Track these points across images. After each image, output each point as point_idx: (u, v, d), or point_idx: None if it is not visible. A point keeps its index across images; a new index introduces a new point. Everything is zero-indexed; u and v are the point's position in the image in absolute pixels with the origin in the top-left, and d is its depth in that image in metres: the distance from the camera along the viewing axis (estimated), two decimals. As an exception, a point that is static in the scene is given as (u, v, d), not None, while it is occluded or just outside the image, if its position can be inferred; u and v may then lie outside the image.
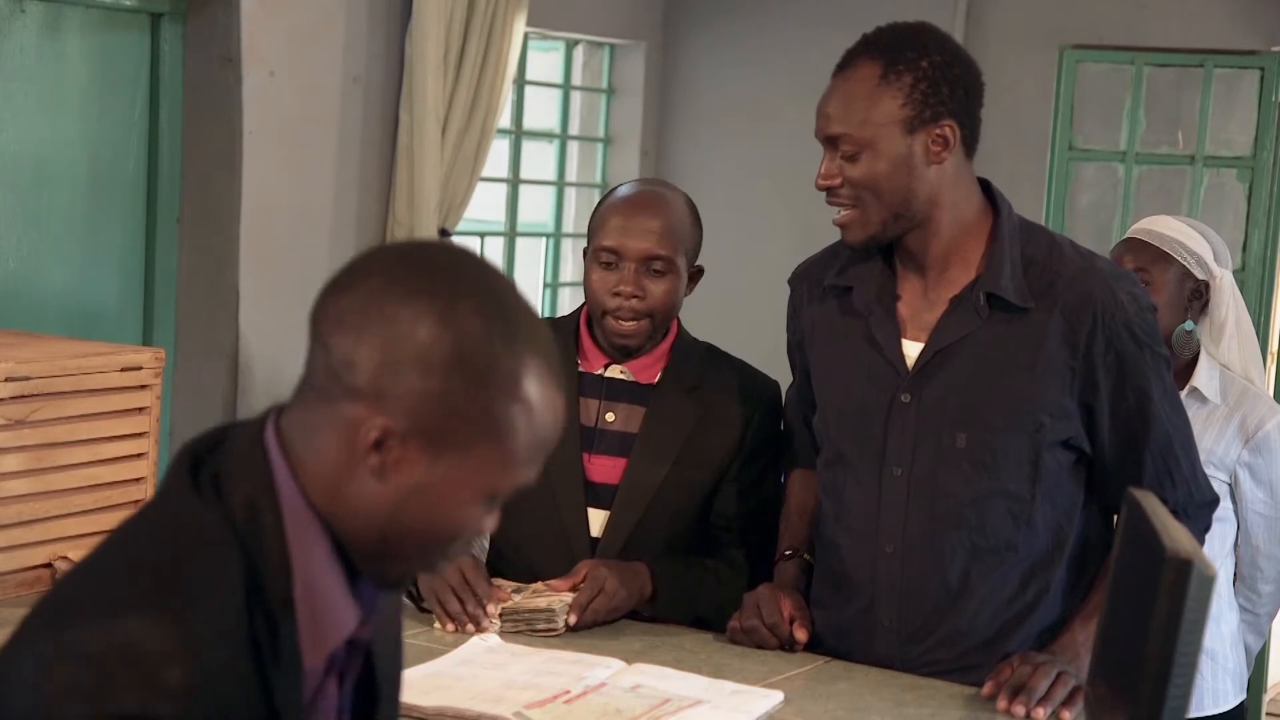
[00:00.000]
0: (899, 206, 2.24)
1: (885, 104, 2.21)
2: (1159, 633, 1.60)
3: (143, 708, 1.15)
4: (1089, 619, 2.23)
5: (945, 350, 2.26)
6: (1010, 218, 2.30)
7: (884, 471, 2.29)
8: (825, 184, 2.27)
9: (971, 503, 2.25)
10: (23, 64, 3.69)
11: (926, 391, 2.27)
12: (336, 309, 1.26)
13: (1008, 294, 2.23)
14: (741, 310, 5.58)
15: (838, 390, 2.38)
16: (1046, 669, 2.16)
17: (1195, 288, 2.97)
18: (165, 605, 1.19)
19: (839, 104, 2.25)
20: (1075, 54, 5.27)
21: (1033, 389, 2.23)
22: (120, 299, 4.03)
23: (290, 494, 1.26)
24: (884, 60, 2.22)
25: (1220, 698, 2.99)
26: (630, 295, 2.51)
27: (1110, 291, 2.24)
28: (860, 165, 2.23)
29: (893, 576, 2.30)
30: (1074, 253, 2.30)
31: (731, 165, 5.75)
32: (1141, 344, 2.25)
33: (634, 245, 2.52)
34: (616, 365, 2.60)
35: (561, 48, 5.66)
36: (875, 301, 2.32)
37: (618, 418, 2.59)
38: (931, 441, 2.26)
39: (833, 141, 2.25)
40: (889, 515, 2.29)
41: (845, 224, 2.28)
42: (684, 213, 2.61)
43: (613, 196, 2.63)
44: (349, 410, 1.24)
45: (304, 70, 4.25)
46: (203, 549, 1.24)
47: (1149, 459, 2.28)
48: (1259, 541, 2.98)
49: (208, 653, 1.19)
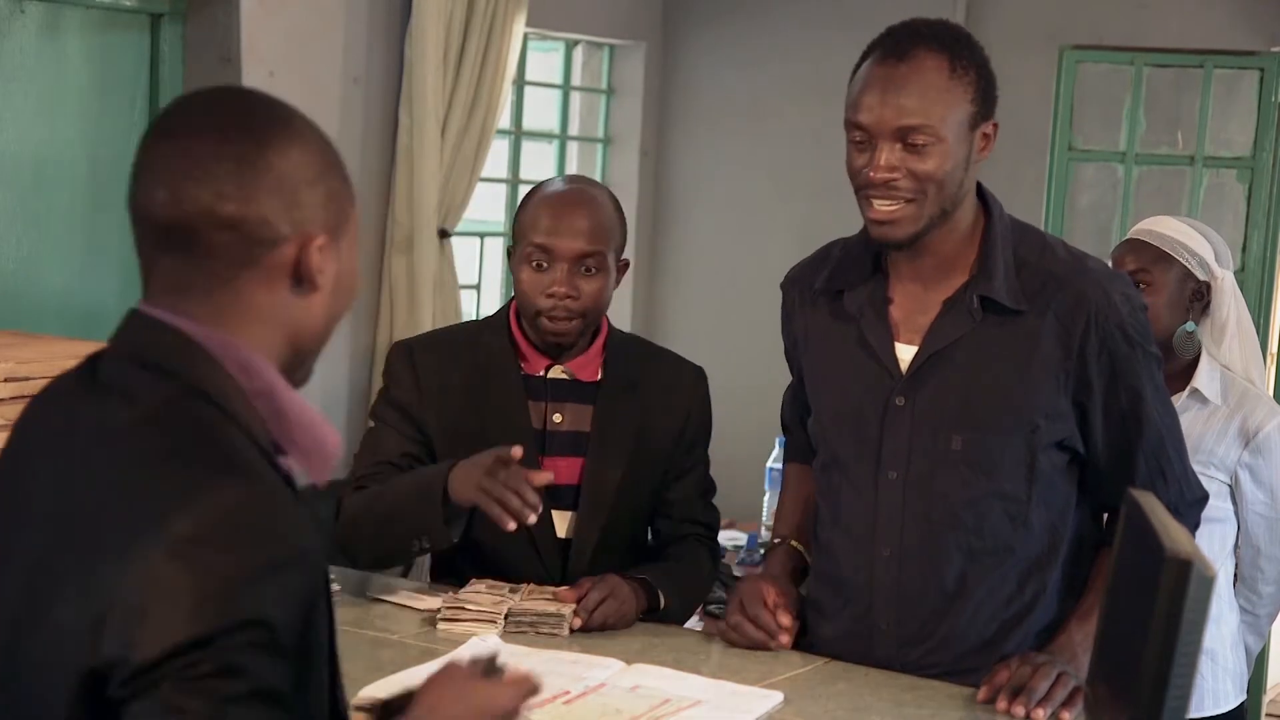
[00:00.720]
0: (949, 203, 2.20)
1: (958, 98, 2.17)
2: (1158, 633, 1.60)
3: (287, 550, 1.27)
4: (1085, 619, 2.24)
5: (939, 353, 2.26)
6: (1002, 218, 2.29)
7: (880, 475, 2.29)
8: (888, 176, 2.16)
9: (968, 505, 2.25)
10: (22, 64, 3.69)
11: (921, 395, 2.26)
12: (203, 196, 1.34)
13: (1001, 296, 2.23)
14: (741, 310, 5.58)
15: (832, 394, 2.37)
16: (1046, 670, 2.16)
17: (1197, 289, 2.97)
18: (231, 473, 1.29)
19: (916, 95, 2.14)
20: (1075, 54, 5.27)
21: (1027, 390, 2.23)
22: (120, 299, 4.03)
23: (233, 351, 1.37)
24: (948, 54, 2.18)
25: (1221, 698, 2.99)
26: (565, 295, 2.53)
27: (1103, 292, 2.24)
28: (931, 159, 2.15)
29: (890, 580, 2.30)
30: (1066, 254, 2.30)
31: (731, 165, 5.75)
32: (1134, 344, 2.25)
33: (566, 245, 2.53)
34: (558, 365, 2.62)
35: (561, 48, 5.66)
36: (867, 304, 2.31)
37: (565, 418, 2.62)
38: (927, 445, 2.26)
39: (902, 132, 2.15)
40: (885, 519, 2.29)
41: (897, 219, 2.18)
42: (611, 209, 2.62)
43: (539, 195, 2.62)
44: (278, 258, 1.37)
45: (304, 70, 4.25)
46: (206, 428, 1.33)
47: (1142, 458, 2.29)
48: (1259, 543, 2.98)
49: (281, 495, 1.32)
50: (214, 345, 1.37)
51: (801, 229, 5.66)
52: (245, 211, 1.35)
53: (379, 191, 4.52)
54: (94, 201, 3.92)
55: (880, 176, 2.16)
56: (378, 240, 4.54)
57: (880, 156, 2.15)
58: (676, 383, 2.69)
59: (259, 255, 1.37)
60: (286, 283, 1.39)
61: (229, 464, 1.31)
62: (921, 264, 2.28)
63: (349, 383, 4.48)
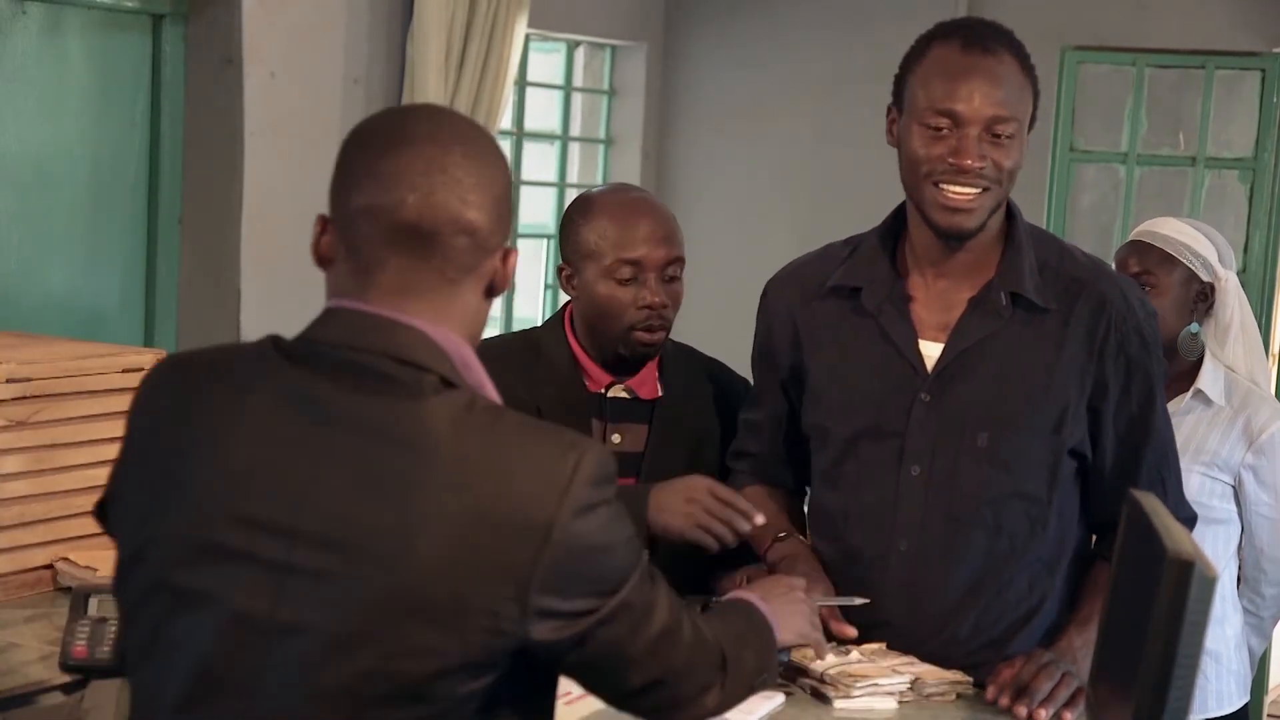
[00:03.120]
0: (1005, 198, 2.27)
1: (1029, 98, 2.25)
2: (1160, 634, 1.60)
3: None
4: (1084, 626, 2.24)
5: (968, 350, 2.27)
6: (1023, 220, 2.32)
7: (902, 470, 2.29)
8: (980, 164, 2.19)
9: (989, 503, 2.26)
10: (24, 65, 3.70)
11: (949, 392, 2.27)
12: (452, 201, 1.48)
13: (1031, 293, 2.25)
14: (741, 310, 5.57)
15: (848, 390, 2.36)
16: (1050, 670, 2.16)
17: (1201, 290, 2.97)
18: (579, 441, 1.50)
19: (1009, 88, 2.21)
20: (1076, 55, 5.27)
21: (1054, 390, 2.25)
22: (122, 300, 4.03)
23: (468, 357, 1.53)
24: (1018, 55, 2.25)
25: (1224, 699, 2.98)
26: (661, 305, 2.49)
27: (1123, 296, 2.27)
28: (1013, 152, 2.21)
29: (905, 574, 2.29)
30: (1084, 257, 2.33)
31: (732, 166, 5.75)
32: (1150, 350, 2.27)
33: (653, 254, 2.48)
34: (619, 384, 2.57)
35: (563, 49, 5.66)
36: (886, 302, 2.31)
37: (623, 439, 2.56)
38: (953, 441, 2.26)
39: (991, 122, 2.19)
40: (905, 513, 2.29)
41: (973, 206, 2.21)
42: (668, 209, 2.60)
43: (603, 207, 2.52)
44: (490, 265, 1.54)
45: (305, 71, 4.25)
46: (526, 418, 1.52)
47: (1144, 468, 2.29)
48: (1263, 544, 2.97)
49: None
50: (443, 341, 1.49)
51: (802, 229, 5.66)
52: (482, 220, 1.50)
53: (380, 192, 4.52)
54: (95, 202, 3.92)
55: (973, 164, 2.18)
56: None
57: (970, 145, 2.19)
58: (729, 399, 2.63)
59: (480, 261, 1.53)
60: (484, 288, 1.55)
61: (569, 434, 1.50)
62: (953, 261, 2.29)
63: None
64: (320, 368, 1.47)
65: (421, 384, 1.46)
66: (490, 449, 1.45)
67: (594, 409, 2.56)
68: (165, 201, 4.08)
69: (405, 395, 1.45)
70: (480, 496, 1.42)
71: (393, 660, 1.40)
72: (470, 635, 1.41)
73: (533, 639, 1.44)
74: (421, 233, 1.48)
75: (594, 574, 1.47)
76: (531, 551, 1.42)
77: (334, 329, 1.49)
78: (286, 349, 1.50)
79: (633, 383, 2.57)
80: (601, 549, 1.48)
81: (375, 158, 1.49)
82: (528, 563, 1.42)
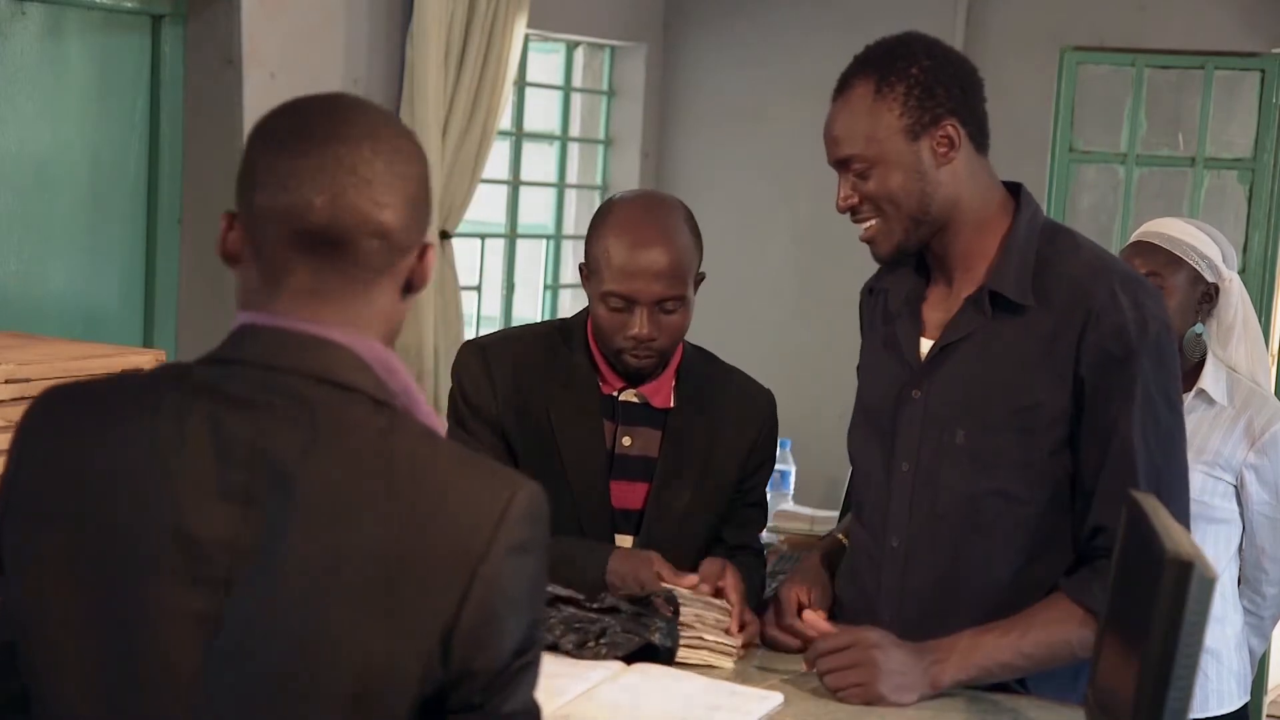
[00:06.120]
0: (918, 212, 2.25)
1: (884, 117, 2.23)
2: (1159, 634, 1.60)
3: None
4: (985, 633, 2.22)
5: (950, 347, 2.28)
6: (1033, 218, 2.30)
7: (893, 466, 2.32)
8: (846, 205, 2.29)
9: (968, 500, 2.26)
10: (23, 66, 3.69)
11: (933, 387, 2.29)
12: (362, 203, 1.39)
13: (1007, 290, 2.23)
14: (741, 311, 5.58)
15: (865, 390, 2.44)
16: (845, 656, 2.19)
17: (1206, 290, 2.97)
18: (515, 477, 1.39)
19: (842, 126, 2.28)
20: (1076, 56, 5.27)
21: (1031, 388, 2.22)
22: (121, 301, 4.03)
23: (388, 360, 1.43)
24: (876, 75, 2.25)
25: (1225, 699, 2.99)
26: (647, 338, 2.47)
27: (1111, 294, 2.20)
28: (874, 181, 2.25)
29: (896, 571, 2.32)
30: (1091, 255, 2.28)
31: (732, 167, 5.75)
32: (1134, 350, 2.18)
33: (646, 290, 2.44)
34: (631, 389, 2.57)
35: (562, 49, 5.66)
36: (904, 304, 2.36)
37: (635, 442, 2.56)
38: (935, 437, 2.28)
39: (844, 164, 2.28)
40: (896, 510, 2.32)
41: (872, 238, 2.30)
42: (687, 235, 2.52)
43: (614, 224, 2.49)
44: (406, 264, 1.44)
45: (304, 72, 4.25)
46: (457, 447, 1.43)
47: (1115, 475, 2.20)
48: (1263, 543, 2.98)
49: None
50: (363, 351, 1.40)
51: (802, 230, 5.67)
52: (395, 220, 1.41)
53: (380, 193, 4.52)
54: (95, 203, 3.92)
55: (841, 207, 2.30)
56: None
57: (839, 189, 2.30)
58: (747, 407, 2.63)
59: (395, 261, 1.43)
60: (400, 287, 1.45)
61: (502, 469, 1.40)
62: (944, 265, 2.32)
63: (350, 384, 4.47)
64: (233, 391, 1.37)
65: (344, 404, 1.36)
66: (416, 479, 1.34)
67: (606, 410, 2.56)
68: (165, 202, 4.07)
69: (323, 418, 1.35)
70: (405, 527, 1.31)
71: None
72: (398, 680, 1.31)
73: (448, 687, 1.33)
74: (331, 237, 1.38)
75: (513, 624, 1.35)
76: (459, 589, 1.31)
77: (249, 348, 1.39)
78: (187, 375, 1.39)
79: (646, 390, 2.57)
80: (527, 596, 1.37)
81: (279, 155, 1.40)
82: (455, 600, 1.31)
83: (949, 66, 2.26)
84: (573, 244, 5.75)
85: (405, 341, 4.46)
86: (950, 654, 2.22)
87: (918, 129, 2.22)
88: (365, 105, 1.48)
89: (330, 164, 1.39)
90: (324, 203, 1.38)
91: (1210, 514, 2.94)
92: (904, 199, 2.24)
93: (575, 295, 5.75)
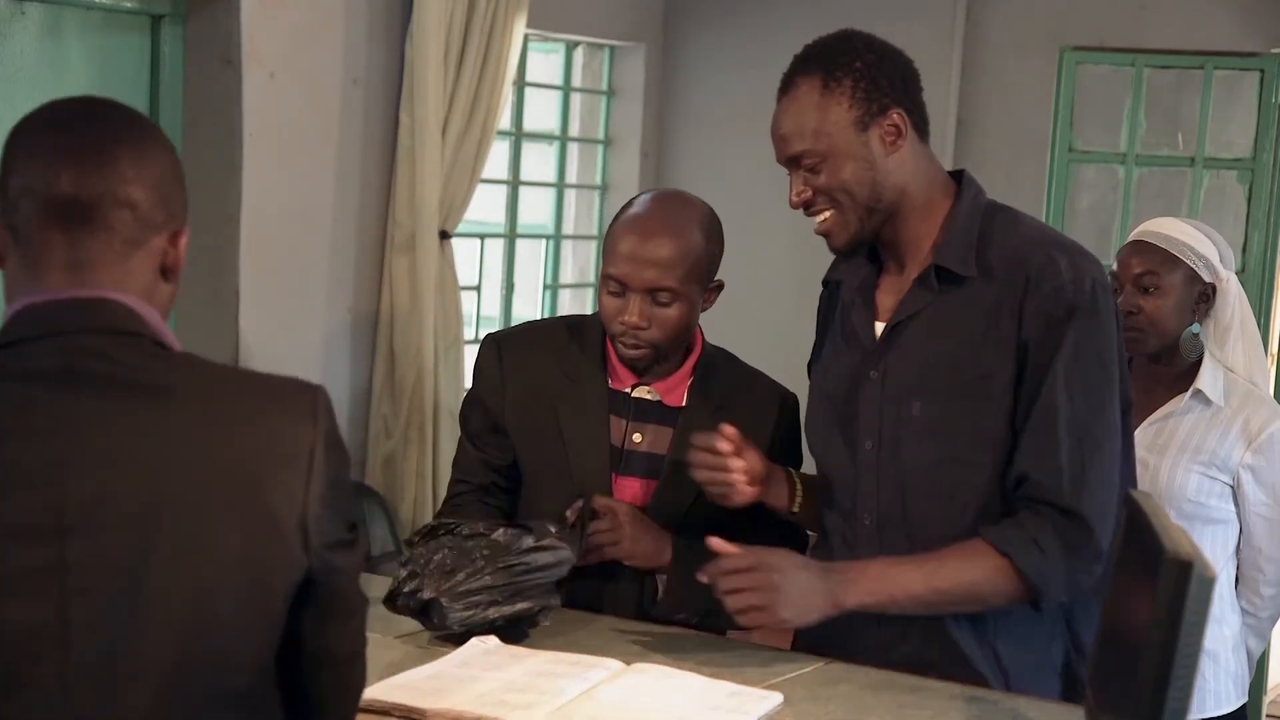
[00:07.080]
0: (871, 201, 2.30)
1: (833, 111, 2.29)
2: (1159, 634, 1.60)
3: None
4: (898, 563, 2.26)
5: (901, 324, 2.33)
6: (975, 198, 2.35)
7: (858, 446, 2.35)
8: (799, 201, 2.34)
9: (929, 470, 2.29)
10: (23, 66, 3.69)
11: (889, 365, 2.33)
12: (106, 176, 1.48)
13: (950, 264, 2.29)
14: (742, 311, 5.58)
15: (823, 380, 2.47)
16: (753, 577, 2.22)
17: (1203, 290, 2.97)
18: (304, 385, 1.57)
19: (791, 124, 2.33)
20: (1075, 55, 5.27)
21: (980, 358, 2.26)
22: (120, 300, 4.04)
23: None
24: (822, 71, 2.31)
25: (1222, 699, 2.99)
26: (635, 326, 2.48)
27: (1050, 258, 2.24)
28: (825, 174, 2.30)
29: (872, 548, 2.34)
30: (1030, 229, 2.34)
31: (731, 166, 5.75)
32: (1075, 311, 2.21)
33: (639, 276, 2.47)
34: (644, 385, 2.58)
35: (562, 49, 5.67)
36: (857, 293, 2.41)
37: (645, 439, 2.57)
38: (894, 412, 2.32)
39: (795, 160, 2.33)
40: (865, 488, 2.35)
41: (828, 230, 2.34)
42: (696, 235, 2.53)
43: (626, 216, 2.55)
44: (157, 244, 1.53)
45: (304, 72, 4.25)
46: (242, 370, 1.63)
47: (1040, 429, 2.22)
48: (1261, 544, 2.98)
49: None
50: (133, 304, 1.50)
51: (801, 230, 5.64)
52: (142, 196, 1.50)
53: (379, 192, 4.53)
54: (94, 203, 3.92)
55: (794, 203, 2.34)
56: (378, 241, 4.54)
57: (791, 186, 2.35)
58: (764, 410, 2.62)
59: (147, 236, 1.52)
60: (157, 268, 1.54)
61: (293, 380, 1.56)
62: (894, 250, 2.37)
63: (349, 383, 4.47)
64: (37, 366, 1.46)
65: (137, 350, 1.48)
66: (228, 397, 1.50)
67: (616, 406, 2.57)
68: (164, 202, 4.08)
69: (122, 362, 1.47)
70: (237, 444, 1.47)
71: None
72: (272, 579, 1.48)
73: (313, 563, 1.50)
74: (80, 204, 1.47)
75: (344, 503, 1.55)
76: (303, 478, 1.49)
77: (26, 325, 1.48)
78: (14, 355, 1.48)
79: (659, 387, 2.58)
80: (346, 479, 1.57)
81: (33, 140, 1.51)
82: (301, 489, 1.49)
83: (889, 59, 2.32)
84: (572, 244, 5.75)
85: (405, 341, 4.46)
86: (860, 577, 2.25)
87: (866, 120, 2.28)
88: (119, 105, 1.59)
89: (77, 144, 1.49)
90: (71, 175, 1.47)
91: (1207, 515, 2.94)
92: (857, 189, 2.29)
93: (575, 295, 5.75)
